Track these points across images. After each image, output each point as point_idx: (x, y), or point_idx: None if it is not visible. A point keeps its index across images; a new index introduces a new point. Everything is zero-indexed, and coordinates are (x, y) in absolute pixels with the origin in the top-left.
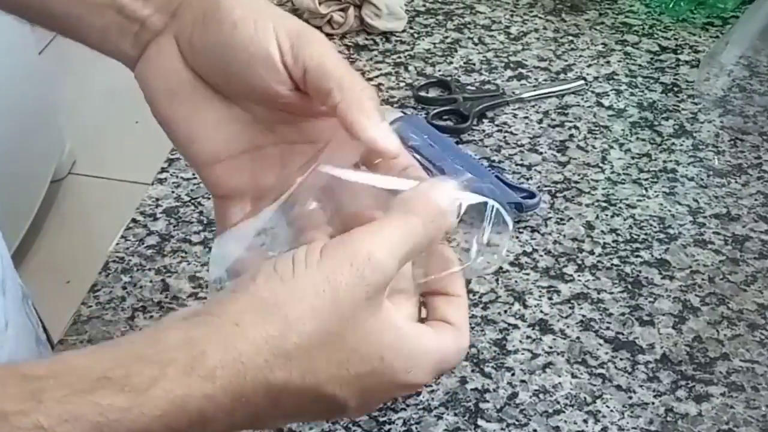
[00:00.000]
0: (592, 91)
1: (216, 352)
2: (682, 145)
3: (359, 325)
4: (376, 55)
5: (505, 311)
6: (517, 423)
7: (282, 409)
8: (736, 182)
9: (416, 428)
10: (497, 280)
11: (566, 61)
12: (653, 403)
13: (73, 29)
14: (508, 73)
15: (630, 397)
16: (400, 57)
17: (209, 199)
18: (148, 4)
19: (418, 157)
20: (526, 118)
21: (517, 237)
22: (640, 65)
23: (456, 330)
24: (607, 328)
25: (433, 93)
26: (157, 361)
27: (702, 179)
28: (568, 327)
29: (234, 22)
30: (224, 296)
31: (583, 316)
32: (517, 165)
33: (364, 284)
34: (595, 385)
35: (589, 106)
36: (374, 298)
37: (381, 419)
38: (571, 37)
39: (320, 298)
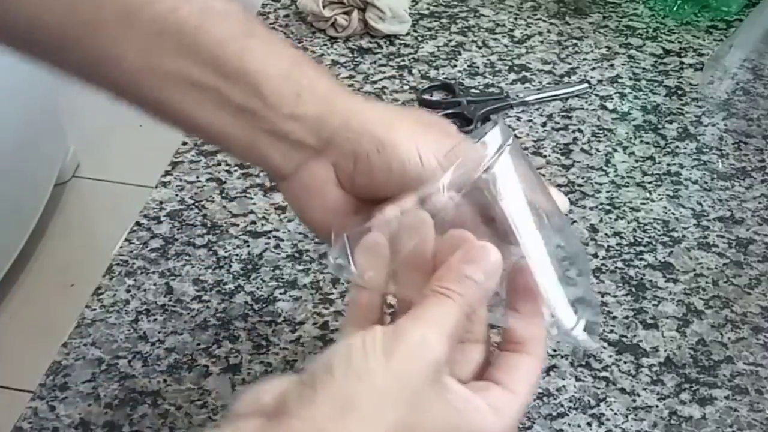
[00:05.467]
0: (596, 95)
1: None
2: (686, 148)
3: (432, 411)
4: (379, 59)
5: None
6: (521, 426)
7: None
8: (740, 185)
9: None
10: (501, 283)
11: (570, 64)
12: (657, 406)
13: (216, 138)
14: (512, 76)
15: (634, 400)
16: (404, 60)
17: (213, 202)
18: (299, 126)
19: None
20: (530, 121)
21: None
22: (643, 68)
23: (508, 396)
24: (611, 331)
25: (437, 96)
26: None
27: (706, 182)
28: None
29: (402, 161)
30: (305, 393)
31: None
32: None
33: (425, 365)
34: (599, 388)
35: (592, 110)
36: (437, 379)
37: None
38: (574, 41)
39: (399, 392)
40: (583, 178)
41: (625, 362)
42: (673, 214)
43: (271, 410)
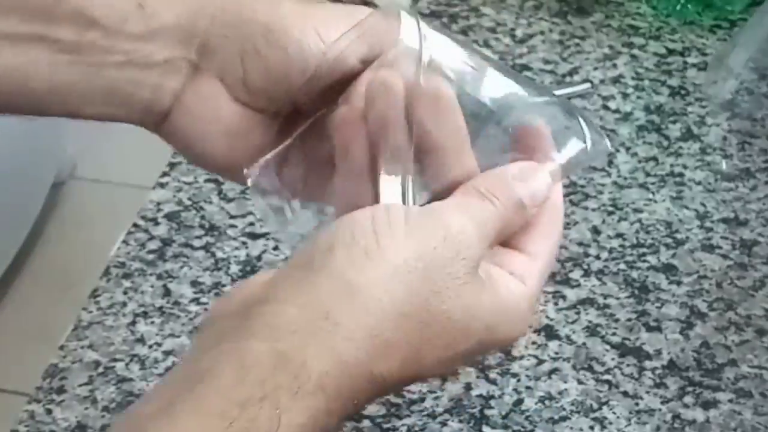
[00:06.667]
0: (599, 95)
1: (316, 359)
2: (689, 148)
3: (460, 301)
4: None
5: None
6: (522, 430)
7: (379, 394)
8: (744, 186)
9: None
10: None
11: (572, 63)
12: (660, 410)
13: (65, 100)
14: None
15: (637, 404)
16: None
17: (211, 203)
18: (160, 44)
19: None
20: None
21: None
22: (646, 68)
23: (526, 259)
24: (614, 334)
25: None
26: (262, 397)
27: (710, 183)
28: (574, 332)
29: (299, 42)
30: (298, 275)
31: (590, 321)
32: None
33: (460, 258)
34: (601, 392)
35: (595, 110)
36: (471, 273)
37: (385, 426)
38: (577, 40)
39: (415, 276)
40: (585, 178)
41: (627, 365)
42: (677, 215)
43: (254, 303)
